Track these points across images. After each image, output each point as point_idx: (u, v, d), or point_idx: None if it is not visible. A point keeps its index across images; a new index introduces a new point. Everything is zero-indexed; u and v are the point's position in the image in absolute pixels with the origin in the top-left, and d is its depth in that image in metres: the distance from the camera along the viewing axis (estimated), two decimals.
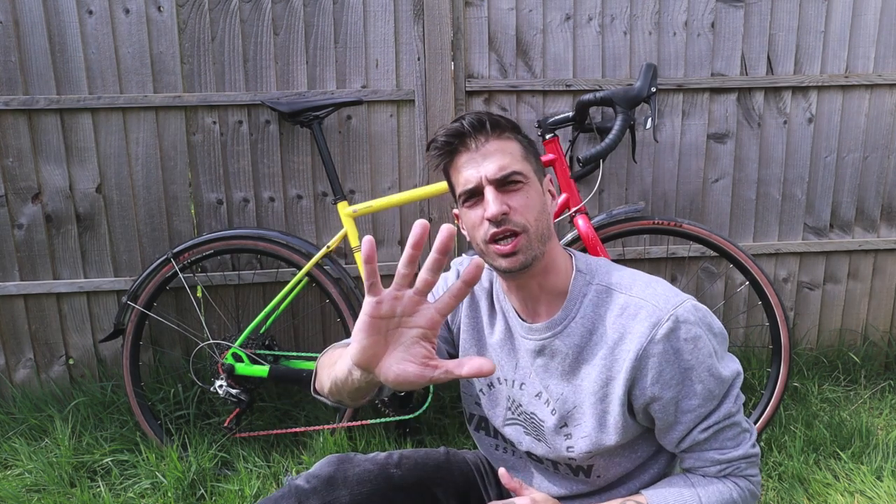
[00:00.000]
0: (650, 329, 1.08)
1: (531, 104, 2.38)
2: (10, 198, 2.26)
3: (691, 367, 1.08)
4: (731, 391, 1.12)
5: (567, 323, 1.16)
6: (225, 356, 2.12)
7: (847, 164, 2.54)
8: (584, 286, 1.16)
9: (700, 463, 1.13)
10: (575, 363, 1.16)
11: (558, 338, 1.16)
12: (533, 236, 1.10)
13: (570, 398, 1.17)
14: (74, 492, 1.99)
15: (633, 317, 1.10)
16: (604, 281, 1.16)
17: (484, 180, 1.10)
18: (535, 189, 1.13)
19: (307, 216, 2.38)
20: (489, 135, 1.12)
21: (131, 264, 2.35)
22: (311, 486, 1.21)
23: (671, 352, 1.07)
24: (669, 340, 1.07)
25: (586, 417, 1.15)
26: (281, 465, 2.14)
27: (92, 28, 2.19)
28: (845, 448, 2.13)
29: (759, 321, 2.61)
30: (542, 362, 1.20)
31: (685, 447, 1.14)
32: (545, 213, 1.14)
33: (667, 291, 1.12)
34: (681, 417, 1.11)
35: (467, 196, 1.13)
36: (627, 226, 2.10)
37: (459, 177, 1.14)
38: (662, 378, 1.09)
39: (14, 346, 2.36)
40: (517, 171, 1.11)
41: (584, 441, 1.16)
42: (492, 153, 1.11)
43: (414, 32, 2.30)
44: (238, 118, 2.30)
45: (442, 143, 1.14)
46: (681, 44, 2.40)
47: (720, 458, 1.12)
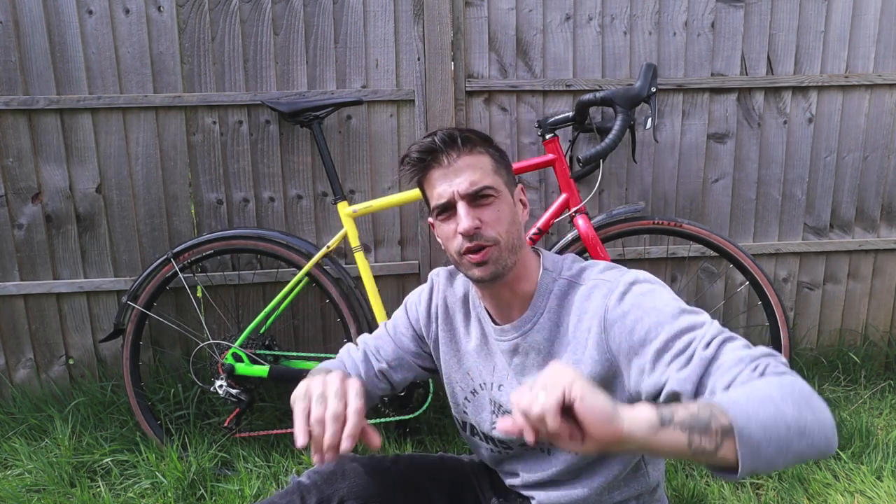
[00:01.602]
0: (604, 299, 1.10)
1: (531, 104, 2.38)
2: (10, 198, 2.26)
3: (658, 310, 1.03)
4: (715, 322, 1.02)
5: (536, 320, 1.19)
6: (225, 356, 2.12)
7: (847, 164, 2.54)
8: (551, 283, 1.20)
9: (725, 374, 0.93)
10: (548, 357, 1.19)
11: (529, 335, 1.20)
12: (504, 248, 1.14)
13: None
14: (74, 492, 1.99)
15: (588, 297, 1.13)
16: (566, 275, 1.20)
17: (456, 195, 1.14)
18: (505, 201, 1.17)
19: (307, 216, 2.39)
20: (461, 150, 1.15)
21: (131, 264, 2.35)
22: (311, 481, 1.28)
23: (630, 308, 1.07)
24: (624, 301, 1.08)
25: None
26: (281, 465, 2.14)
27: (92, 28, 2.19)
28: (845, 448, 2.13)
29: (759, 321, 2.61)
30: (518, 361, 1.23)
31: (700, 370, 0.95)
32: (515, 224, 1.18)
33: (621, 270, 1.15)
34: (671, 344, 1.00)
35: (440, 210, 1.17)
36: (627, 226, 2.10)
37: (433, 191, 1.17)
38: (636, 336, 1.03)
39: (14, 346, 2.36)
40: (487, 185, 1.14)
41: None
42: (463, 168, 1.14)
43: (414, 32, 2.30)
44: (238, 118, 2.30)
45: (415, 159, 1.17)
46: (681, 44, 2.40)
47: (742, 355, 0.93)
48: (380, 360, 1.39)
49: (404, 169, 1.20)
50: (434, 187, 1.17)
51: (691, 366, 0.96)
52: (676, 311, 1.04)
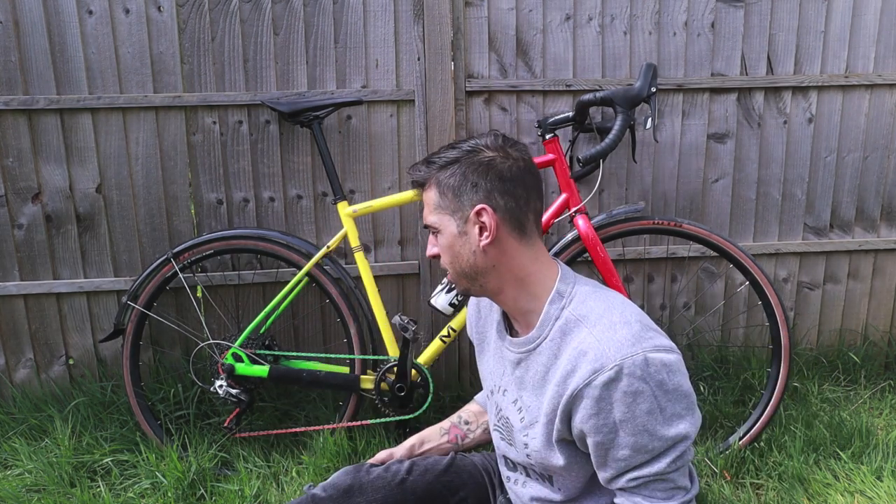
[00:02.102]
0: (590, 373, 1.08)
1: (531, 104, 2.38)
2: (10, 198, 2.26)
3: (625, 420, 1.07)
4: (671, 452, 1.09)
5: (539, 343, 1.21)
6: (225, 356, 2.12)
7: (847, 164, 2.54)
8: (558, 310, 1.19)
9: (628, 503, 1.13)
10: (543, 381, 1.20)
11: (532, 354, 1.22)
12: (453, 274, 1.24)
13: (535, 411, 1.22)
14: (74, 492, 1.99)
15: (584, 355, 1.11)
16: (576, 311, 1.17)
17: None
18: (446, 234, 1.21)
19: (307, 216, 2.38)
20: (424, 188, 1.24)
21: (131, 264, 2.35)
22: (327, 495, 1.29)
23: (605, 400, 1.07)
24: (607, 389, 1.07)
25: (539, 433, 1.21)
26: (281, 465, 2.14)
27: (92, 28, 2.18)
28: (845, 448, 2.13)
29: (759, 321, 2.61)
30: (519, 374, 1.26)
31: (614, 487, 1.15)
32: (460, 255, 1.21)
33: (627, 336, 1.09)
34: (610, 462, 1.12)
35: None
36: (627, 226, 2.10)
37: None
38: (592, 422, 1.10)
39: (14, 346, 2.36)
40: (428, 223, 1.24)
41: (536, 453, 1.22)
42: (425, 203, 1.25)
43: (414, 32, 2.30)
44: (238, 118, 2.30)
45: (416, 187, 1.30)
46: (681, 44, 2.40)
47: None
48: None
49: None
50: None
51: (610, 483, 1.14)
52: (633, 441, 1.08)
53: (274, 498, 1.99)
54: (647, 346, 1.08)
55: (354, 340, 2.16)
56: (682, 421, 1.09)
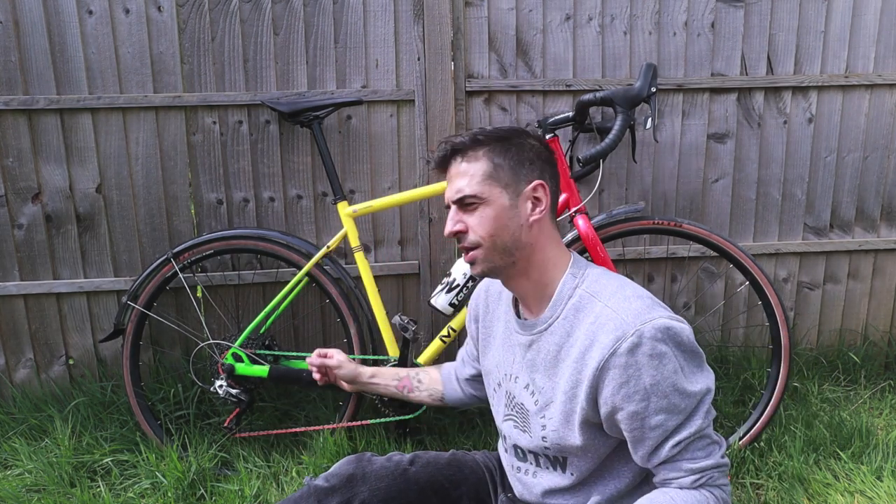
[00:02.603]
0: (614, 342, 1.12)
1: (531, 104, 2.38)
2: (10, 198, 2.26)
3: (655, 384, 1.11)
4: (701, 407, 1.15)
5: (551, 322, 1.24)
6: (225, 356, 2.12)
7: (847, 164, 2.54)
8: (572, 289, 1.24)
9: (674, 474, 1.15)
10: (555, 360, 1.23)
11: (543, 335, 1.25)
12: (489, 249, 1.23)
13: (549, 392, 1.26)
14: (74, 492, 1.99)
15: (602, 327, 1.15)
16: (590, 288, 1.22)
17: (449, 201, 1.28)
18: (493, 205, 1.22)
19: (307, 216, 2.39)
20: (463, 157, 1.25)
21: (131, 264, 2.35)
22: (330, 485, 1.29)
23: (633, 366, 1.11)
24: (633, 355, 1.11)
25: (556, 412, 1.23)
26: (281, 465, 2.14)
27: (92, 28, 2.19)
28: (845, 448, 2.13)
29: (759, 321, 2.61)
30: (531, 356, 1.29)
31: (657, 462, 1.16)
32: (507, 228, 1.23)
33: (642, 307, 1.16)
34: (648, 433, 1.14)
35: (447, 207, 1.30)
36: (627, 226, 2.10)
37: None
38: (623, 391, 1.12)
39: (14, 346, 2.36)
40: (470, 194, 1.22)
41: (554, 434, 1.23)
42: (457, 175, 1.25)
43: (414, 32, 2.30)
44: (238, 118, 2.30)
45: (437, 164, 1.31)
46: (681, 44, 2.40)
47: (693, 468, 1.14)
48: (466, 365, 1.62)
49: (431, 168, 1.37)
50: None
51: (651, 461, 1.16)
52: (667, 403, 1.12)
53: (274, 498, 1.99)
54: (661, 313, 1.15)
55: (354, 340, 2.16)
56: (701, 375, 1.16)
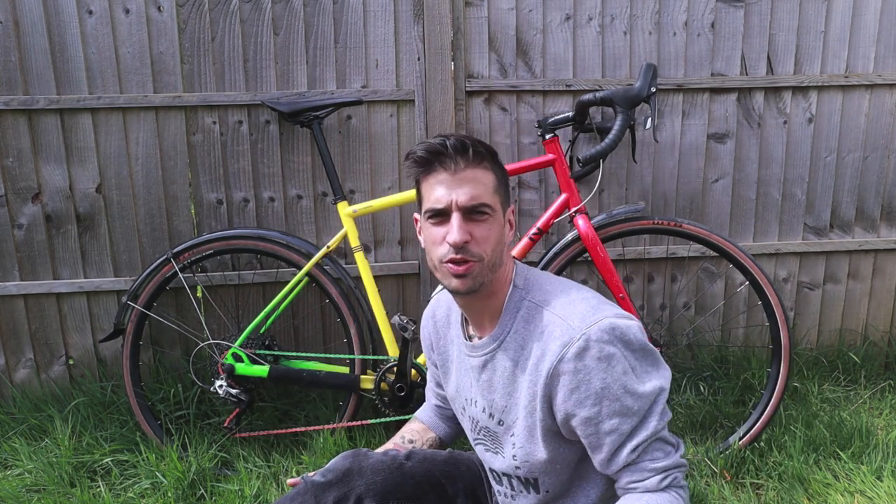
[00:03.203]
0: (561, 348, 1.11)
1: (531, 104, 2.38)
2: (10, 198, 2.26)
3: (605, 387, 1.09)
4: (655, 407, 1.13)
5: (503, 338, 1.21)
6: (225, 356, 2.12)
7: (847, 164, 2.54)
8: (518, 301, 1.21)
9: (637, 476, 1.13)
10: (512, 377, 1.21)
11: (497, 353, 1.22)
12: (486, 266, 1.17)
13: (512, 410, 1.23)
14: (74, 492, 1.99)
15: (551, 335, 1.14)
16: (536, 298, 1.20)
17: (454, 205, 1.14)
18: (498, 222, 1.19)
19: (307, 216, 2.38)
20: (469, 161, 1.15)
21: (131, 264, 2.35)
22: (326, 480, 1.28)
23: (582, 371, 1.10)
24: (581, 359, 1.10)
25: (521, 429, 1.22)
26: (281, 465, 2.14)
27: (92, 28, 2.18)
28: (845, 448, 2.13)
29: (759, 321, 2.61)
30: (486, 378, 1.26)
31: (616, 468, 1.14)
32: (501, 244, 1.20)
33: (587, 308, 1.14)
34: (604, 438, 1.12)
35: (434, 214, 1.17)
36: (627, 226, 2.10)
37: (430, 193, 1.17)
38: (575, 396, 1.11)
39: (14, 346, 2.36)
40: (487, 203, 1.16)
41: (521, 451, 1.22)
42: (467, 180, 1.15)
43: (414, 32, 2.30)
44: (238, 118, 2.30)
45: (420, 158, 1.18)
46: (681, 44, 2.40)
47: (657, 467, 1.12)
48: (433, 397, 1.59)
49: (407, 164, 1.21)
50: (433, 189, 1.17)
51: (611, 467, 1.13)
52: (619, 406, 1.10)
53: (274, 498, 1.99)
54: (607, 313, 1.13)
55: (354, 340, 2.16)
56: (655, 374, 1.14)
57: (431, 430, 1.57)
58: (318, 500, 1.25)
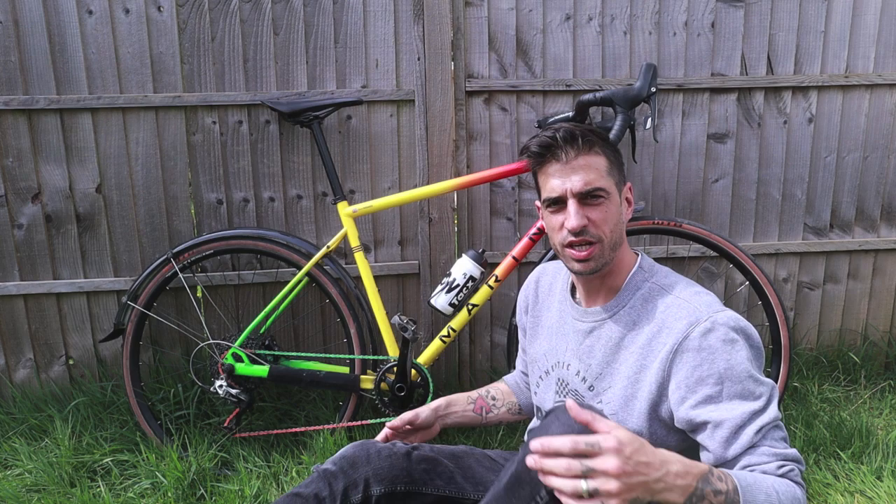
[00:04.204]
0: (687, 327, 1.15)
1: (531, 104, 2.38)
2: (10, 198, 2.26)
3: (729, 367, 1.12)
4: (774, 398, 1.14)
5: (617, 310, 1.27)
6: (225, 356, 2.12)
7: (847, 164, 2.54)
8: (641, 282, 1.28)
9: (756, 458, 1.09)
10: (616, 347, 1.26)
11: (607, 322, 1.28)
12: (606, 246, 1.23)
13: (607, 378, 1.27)
14: (74, 492, 1.99)
15: (673, 314, 1.18)
16: (660, 282, 1.27)
17: (569, 193, 1.22)
18: (614, 202, 1.24)
19: (307, 216, 2.39)
20: (580, 149, 1.22)
21: (131, 264, 2.35)
22: (337, 467, 1.32)
23: (706, 349, 1.13)
24: (706, 339, 1.13)
25: (616, 396, 1.25)
26: (281, 465, 2.14)
27: (92, 28, 2.18)
28: (845, 448, 2.13)
29: (760, 321, 2.61)
30: (589, 344, 1.31)
31: (738, 449, 1.09)
32: (620, 224, 1.26)
33: (712, 301, 1.20)
34: (726, 416, 1.10)
35: (551, 202, 1.25)
36: (627, 226, 2.10)
37: (547, 183, 1.26)
38: (697, 374, 1.13)
39: (14, 346, 2.36)
40: (600, 187, 1.22)
41: (612, 417, 1.25)
42: (579, 168, 1.22)
43: (414, 32, 2.30)
44: (238, 118, 2.30)
45: (534, 152, 1.26)
46: (681, 44, 2.40)
47: (778, 452, 1.09)
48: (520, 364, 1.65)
49: (525, 157, 1.30)
50: (549, 180, 1.25)
51: (733, 447, 1.10)
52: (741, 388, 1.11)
53: (274, 498, 1.99)
54: (731, 311, 1.18)
55: (354, 340, 2.16)
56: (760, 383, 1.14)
57: (515, 394, 1.65)
58: (330, 486, 1.28)
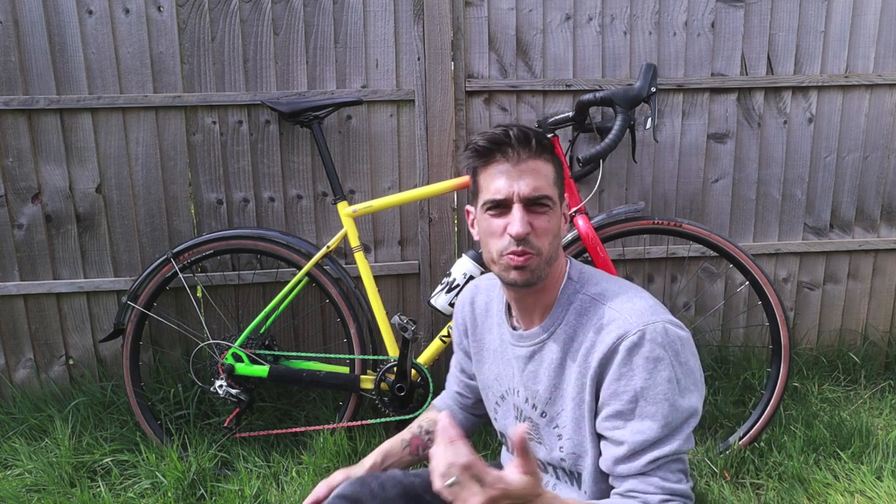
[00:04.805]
0: (615, 340, 1.10)
1: (531, 104, 2.38)
2: (10, 198, 2.26)
3: (646, 388, 1.08)
4: (685, 427, 1.10)
5: (553, 329, 1.21)
6: (225, 356, 2.12)
7: (847, 164, 2.54)
8: (572, 294, 1.21)
9: (642, 486, 1.08)
10: (560, 369, 1.20)
11: (546, 344, 1.21)
12: (544, 259, 1.16)
13: (558, 402, 1.21)
14: (74, 492, 1.99)
15: (605, 327, 1.13)
16: (591, 291, 1.20)
17: (516, 196, 1.13)
18: (556, 214, 1.18)
19: (307, 216, 2.38)
20: (531, 152, 1.15)
21: (131, 264, 2.35)
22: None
23: (628, 365, 1.09)
24: (630, 354, 1.09)
25: (568, 420, 1.20)
26: (281, 465, 2.14)
27: (92, 28, 2.18)
28: (845, 448, 2.13)
29: (759, 321, 2.61)
30: (532, 369, 1.24)
31: (627, 472, 1.10)
32: (558, 238, 1.19)
33: (645, 308, 1.13)
34: (627, 437, 1.09)
35: (493, 205, 1.16)
36: (627, 226, 2.10)
37: (490, 183, 1.16)
38: (613, 387, 1.11)
39: (14, 346, 2.36)
40: (548, 195, 1.15)
41: (569, 442, 1.20)
42: (528, 171, 1.14)
43: (414, 32, 2.30)
44: (238, 118, 2.30)
45: (481, 147, 1.16)
46: (681, 44, 2.39)
47: (665, 486, 1.08)
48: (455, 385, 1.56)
49: (465, 154, 1.20)
50: (493, 180, 1.16)
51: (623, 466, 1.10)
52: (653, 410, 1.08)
53: (274, 498, 1.99)
54: (665, 317, 1.12)
55: (354, 340, 2.16)
56: (693, 394, 1.12)
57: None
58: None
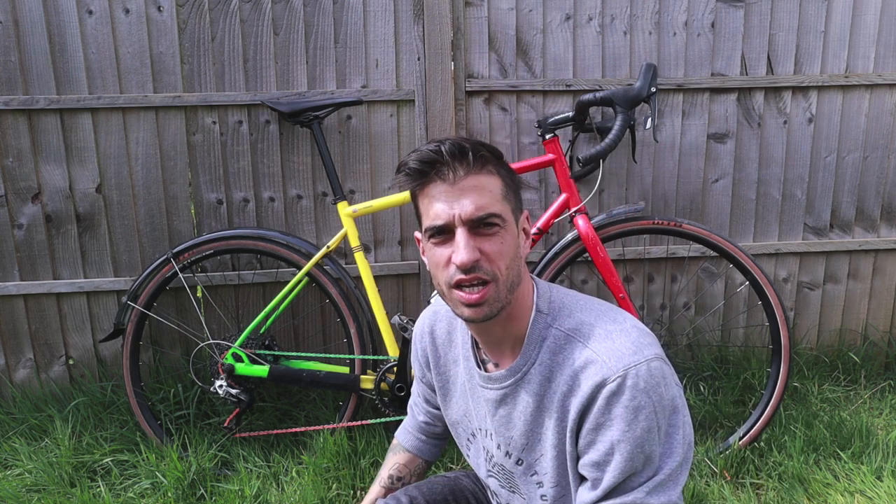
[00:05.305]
0: (594, 388, 0.99)
1: (531, 104, 2.38)
2: (10, 198, 2.26)
3: (623, 440, 0.98)
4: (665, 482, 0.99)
5: (526, 370, 1.08)
6: (225, 356, 2.12)
7: (847, 164, 2.54)
8: (544, 329, 1.07)
9: None
10: (536, 412, 1.08)
11: (519, 386, 1.09)
12: (502, 286, 1.01)
13: (537, 447, 1.10)
14: (74, 492, 1.99)
15: (583, 371, 1.01)
16: (564, 325, 1.06)
17: (457, 220, 0.99)
18: (510, 233, 1.03)
19: (307, 216, 2.39)
20: (470, 167, 1.00)
21: (131, 264, 2.35)
22: None
23: (607, 413, 0.99)
24: (609, 403, 0.98)
25: (550, 467, 1.09)
26: (281, 465, 2.14)
27: (92, 28, 2.19)
28: (845, 448, 2.13)
29: (759, 321, 2.61)
30: (504, 413, 1.12)
31: None
32: (517, 259, 1.04)
33: (626, 346, 1.00)
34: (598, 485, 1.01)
35: (435, 232, 1.02)
36: (627, 226, 2.10)
37: (430, 208, 1.02)
38: (591, 437, 1.01)
39: (14, 346, 2.36)
40: (495, 213, 1.00)
41: (554, 490, 1.10)
42: (469, 189, 0.99)
43: (414, 32, 2.30)
44: (238, 118, 2.30)
45: (414, 169, 1.02)
46: (681, 44, 2.40)
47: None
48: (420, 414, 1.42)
49: (399, 178, 1.05)
50: (431, 204, 1.01)
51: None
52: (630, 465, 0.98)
53: (274, 498, 1.99)
54: (647, 354, 1.00)
55: (354, 340, 2.16)
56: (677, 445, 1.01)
57: (418, 456, 1.43)
58: None
